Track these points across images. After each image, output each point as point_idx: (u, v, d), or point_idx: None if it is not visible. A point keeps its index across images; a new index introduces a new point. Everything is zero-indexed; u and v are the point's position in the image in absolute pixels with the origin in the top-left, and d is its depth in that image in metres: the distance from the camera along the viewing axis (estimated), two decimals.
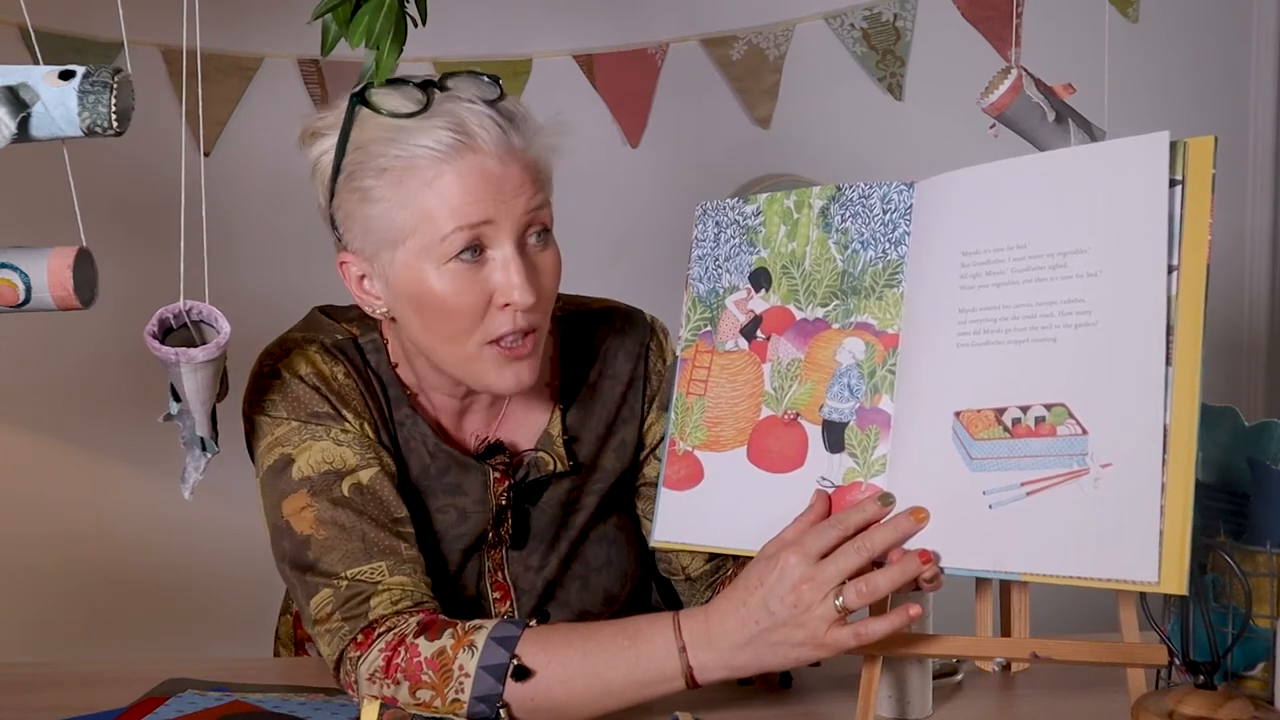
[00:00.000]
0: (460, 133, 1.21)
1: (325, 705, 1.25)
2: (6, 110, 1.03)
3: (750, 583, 1.12)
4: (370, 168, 1.23)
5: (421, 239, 1.23)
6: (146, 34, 2.32)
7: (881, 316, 1.18)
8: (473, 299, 1.24)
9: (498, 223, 1.23)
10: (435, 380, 1.35)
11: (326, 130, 1.27)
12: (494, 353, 1.26)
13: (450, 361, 1.29)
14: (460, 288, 1.24)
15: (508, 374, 1.28)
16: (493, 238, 1.24)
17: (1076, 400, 1.06)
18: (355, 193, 1.25)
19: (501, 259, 1.24)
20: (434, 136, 1.21)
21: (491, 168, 1.22)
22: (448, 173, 1.21)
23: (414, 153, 1.21)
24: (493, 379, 1.28)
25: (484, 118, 1.22)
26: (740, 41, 2.64)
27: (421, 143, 1.21)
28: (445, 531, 1.37)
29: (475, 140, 1.21)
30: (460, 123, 1.21)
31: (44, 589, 2.57)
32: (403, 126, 1.21)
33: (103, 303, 1.17)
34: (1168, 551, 0.99)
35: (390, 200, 1.23)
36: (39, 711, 1.26)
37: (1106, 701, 1.22)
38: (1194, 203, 1.05)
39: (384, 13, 1.36)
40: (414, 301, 1.26)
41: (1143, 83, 2.68)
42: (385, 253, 1.25)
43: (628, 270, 2.63)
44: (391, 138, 1.22)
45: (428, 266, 1.23)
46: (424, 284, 1.24)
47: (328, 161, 1.26)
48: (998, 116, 1.26)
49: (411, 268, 1.24)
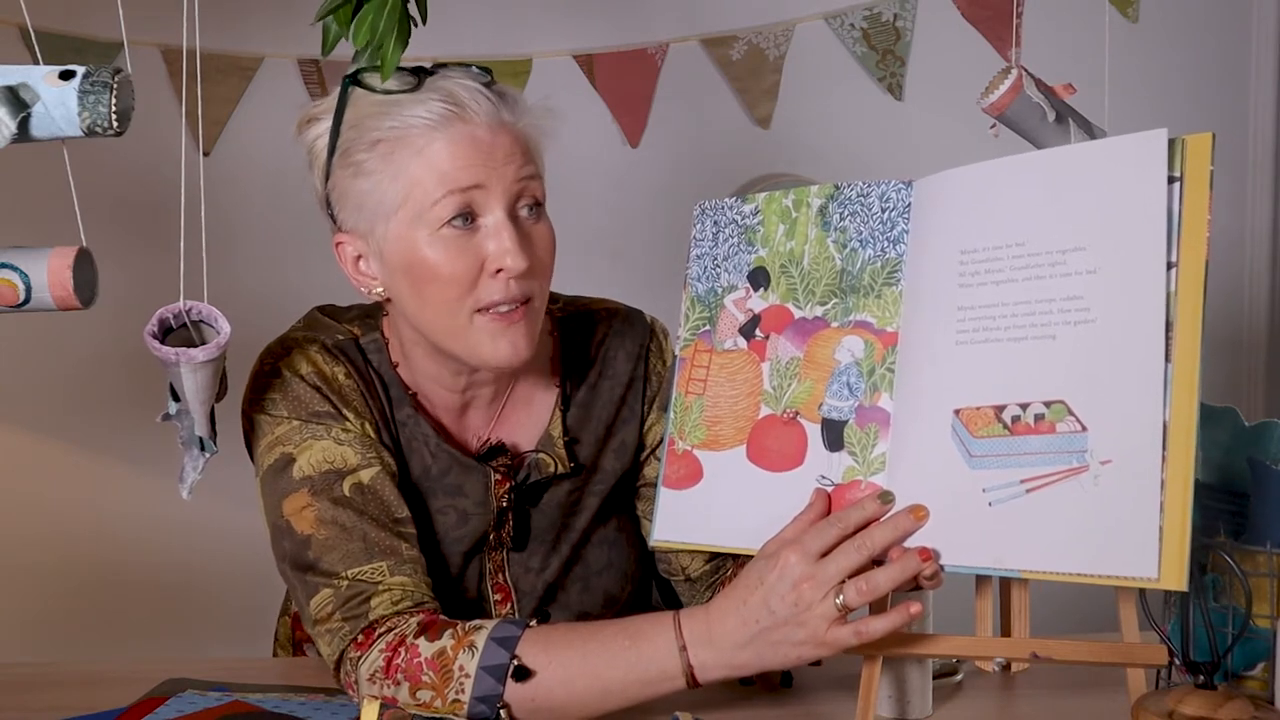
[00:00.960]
0: (452, 103, 1.23)
1: (325, 705, 1.25)
2: (6, 110, 1.03)
3: (750, 582, 1.12)
4: (363, 142, 1.24)
5: (413, 207, 1.24)
6: (146, 34, 2.32)
7: (880, 315, 1.18)
8: (465, 265, 1.24)
9: (488, 188, 1.24)
10: (434, 372, 1.34)
11: (321, 115, 1.29)
12: (486, 321, 1.26)
13: (444, 334, 1.28)
14: (452, 255, 1.24)
15: (503, 344, 1.27)
16: (483, 204, 1.24)
17: (1076, 397, 1.06)
18: (349, 168, 1.26)
19: (494, 224, 1.25)
20: (426, 107, 1.23)
21: (482, 135, 1.24)
22: (438, 139, 1.23)
23: (407, 123, 1.23)
24: (487, 350, 1.27)
25: (475, 91, 1.24)
26: (740, 41, 2.64)
27: (414, 113, 1.23)
28: (446, 533, 1.37)
29: (466, 110, 1.23)
30: (452, 94, 1.23)
31: (44, 589, 2.57)
32: (396, 100, 1.24)
33: (103, 303, 1.17)
34: (1167, 548, 0.99)
35: (382, 172, 1.24)
36: (39, 711, 1.26)
37: (1106, 701, 1.22)
38: (1192, 199, 1.05)
39: (387, 11, 1.36)
40: (407, 273, 1.26)
41: (1143, 83, 2.68)
42: (379, 226, 1.26)
43: (628, 270, 2.63)
44: (384, 111, 1.24)
45: (420, 234, 1.24)
46: (416, 253, 1.25)
47: (323, 144, 1.28)
48: (998, 116, 1.26)
49: (404, 238, 1.25)
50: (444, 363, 1.33)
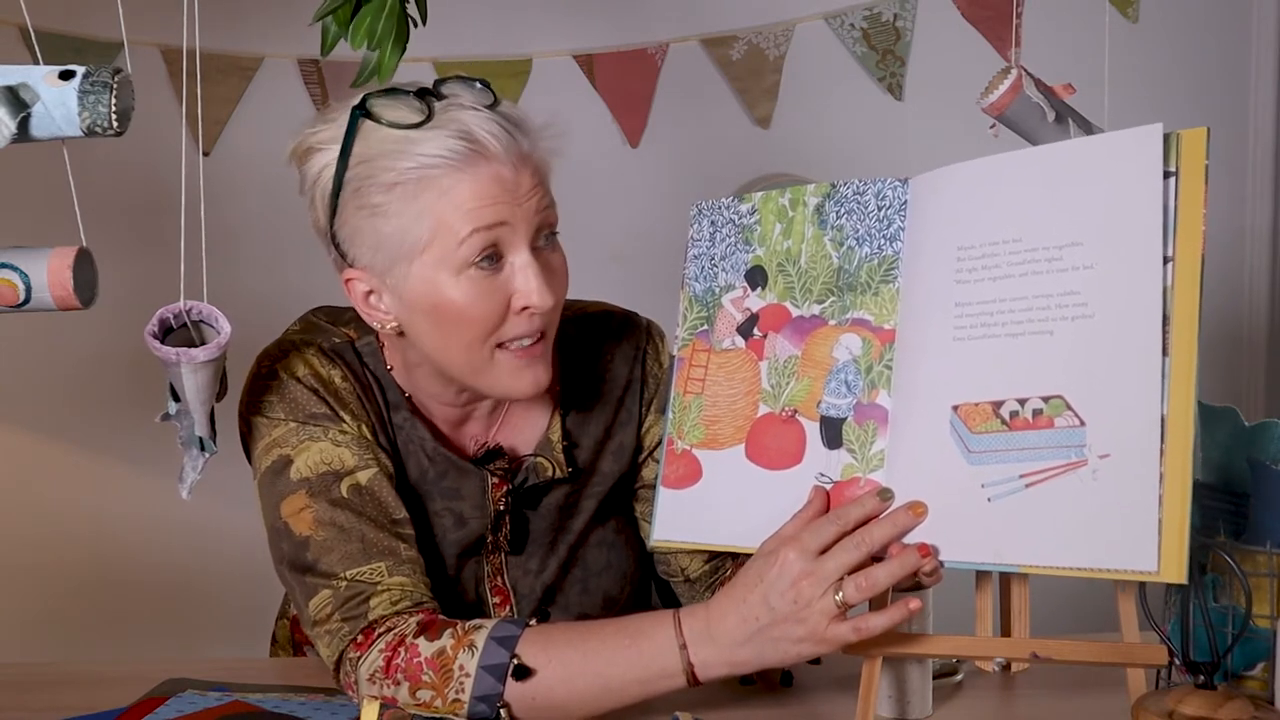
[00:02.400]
0: (469, 140, 1.20)
1: (325, 705, 1.25)
2: (6, 110, 1.03)
3: (750, 579, 1.13)
4: (378, 183, 1.21)
5: (439, 249, 1.21)
6: (146, 34, 2.32)
7: (878, 312, 1.18)
8: (491, 306, 1.23)
9: (513, 225, 1.22)
10: (435, 390, 1.34)
11: (323, 145, 1.24)
12: (508, 357, 1.26)
13: (465, 371, 1.27)
14: (478, 295, 1.23)
15: (526, 377, 1.27)
16: (509, 242, 1.23)
17: (1074, 392, 1.06)
18: (363, 209, 1.22)
19: (520, 264, 1.23)
20: (445, 145, 1.19)
21: (505, 173, 1.21)
22: (463, 180, 1.20)
23: (425, 164, 1.19)
24: (509, 384, 1.27)
25: (489, 123, 1.21)
26: (740, 41, 2.64)
27: (432, 153, 1.19)
28: (444, 535, 1.37)
29: (485, 147, 1.20)
30: (467, 130, 1.20)
31: (44, 589, 2.57)
32: (409, 138, 1.20)
33: (103, 303, 1.17)
34: (1167, 541, 1.00)
35: (404, 215, 1.21)
36: (39, 711, 1.26)
37: (1106, 701, 1.22)
38: (1188, 194, 1.06)
39: (385, 13, 1.36)
40: (431, 313, 1.24)
41: (1143, 83, 2.68)
42: (399, 267, 1.23)
43: (627, 270, 2.63)
44: (399, 149, 1.20)
45: (444, 276, 1.22)
46: (441, 294, 1.23)
47: (328, 177, 1.23)
48: (998, 116, 1.26)
49: (428, 280, 1.23)
50: (448, 384, 1.32)
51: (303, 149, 1.27)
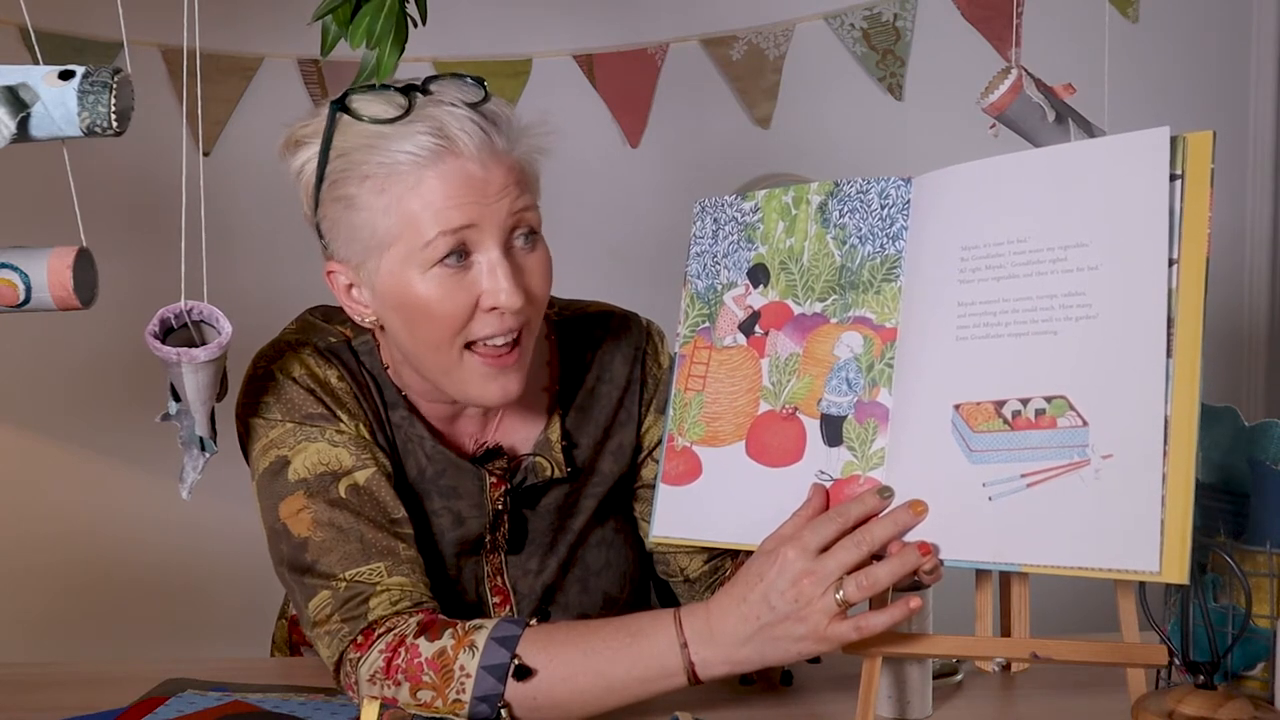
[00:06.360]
0: (440, 137, 1.20)
1: (325, 705, 1.25)
2: (6, 110, 1.03)
3: (750, 578, 1.13)
4: (353, 175, 1.22)
5: (405, 246, 1.22)
6: (146, 34, 2.32)
7: (879, 311, 1.18)
8: (458, 304, 1.23)
9: (481, 226, 1.22)
10: (425, 389, 1.34)
11: (308, 139, 1.26)
12: (477, 361, 1.25)
13: (434, 369, 1.27)
14: (445, 293, 1.23)
15: (493, 387, 1.27)
16: (477, 241, 1.23)
17: (1077, 392, 1.06)
18: (339, 201, 1.24)
19: (487, 263, 1.23)
20: (415, 142, 1.20)
21: (474, 171, 1.21)
22: (430, 178, 1.20)
23: (395, 159, 1.20)
24: (476, 391, 1.27)
25: (465, 120, 1.21)
26: (740, 41, 2.64)
27: (402, 149, 1.20)
28: (442, 534, 1.37)
29: (456, 144, 1.20)
30: (440, 126, 1.20)
31: (44, 589, 2.57)
32: (383, 133, 1.20)
33: (103, 303, 1.16)
34: (1169, 541, 1.00)
35: (373, 208, 1.22)
36: (39, 711, 1.26)
37: (1106, 701, 1.22)
38: (1193, 197, 1.06)
39: (384, 13, 1.36)
40: (400, 309, 1.25)
41: (1143, 83, 2.68)
42: (371, 260, 1.24)
43: (627, 269, 2.63)
44: (372, 144, 1.21)
45: (412, 273, 1.23)
46: (409, 290, 1.23)
47: (311, 170, 1.25)
48: (998, 116, 1.26)
49: (396, 275, 1.23)
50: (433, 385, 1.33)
51: (290, 142, 1.28)
